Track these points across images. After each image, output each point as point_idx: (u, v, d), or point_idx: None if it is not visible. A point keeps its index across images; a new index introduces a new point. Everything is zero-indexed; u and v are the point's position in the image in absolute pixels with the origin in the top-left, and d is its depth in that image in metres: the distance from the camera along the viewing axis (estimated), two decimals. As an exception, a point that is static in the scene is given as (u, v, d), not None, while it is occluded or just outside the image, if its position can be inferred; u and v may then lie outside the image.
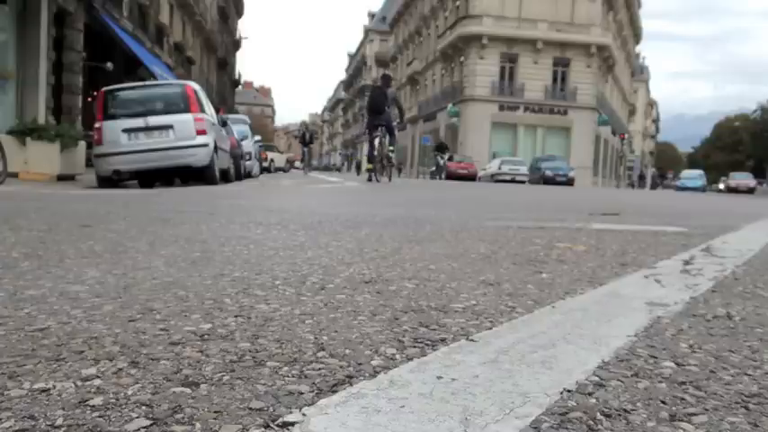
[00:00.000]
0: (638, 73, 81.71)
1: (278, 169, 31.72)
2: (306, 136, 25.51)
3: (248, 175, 16.97)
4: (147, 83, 12.76)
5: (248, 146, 18.03)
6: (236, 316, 1.45)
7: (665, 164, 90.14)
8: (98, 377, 1.03)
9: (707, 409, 0.97)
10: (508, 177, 28.10)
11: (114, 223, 3.43)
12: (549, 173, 28.81)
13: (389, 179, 12.87)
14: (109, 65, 17.40)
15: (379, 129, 12.33)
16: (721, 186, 42.39)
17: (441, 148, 30.94)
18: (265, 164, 30.64)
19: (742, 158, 68.69)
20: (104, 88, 10.46)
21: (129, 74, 18.17)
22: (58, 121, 13.75)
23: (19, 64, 13.10)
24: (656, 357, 1.22)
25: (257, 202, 5.95)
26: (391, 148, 12.74)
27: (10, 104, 12.95)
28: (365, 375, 1.07)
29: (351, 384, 1.02)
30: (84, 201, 5.60)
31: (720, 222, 4.85)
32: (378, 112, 12.24)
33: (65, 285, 1.75)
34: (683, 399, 1.01)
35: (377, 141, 12.30)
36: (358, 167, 45.27)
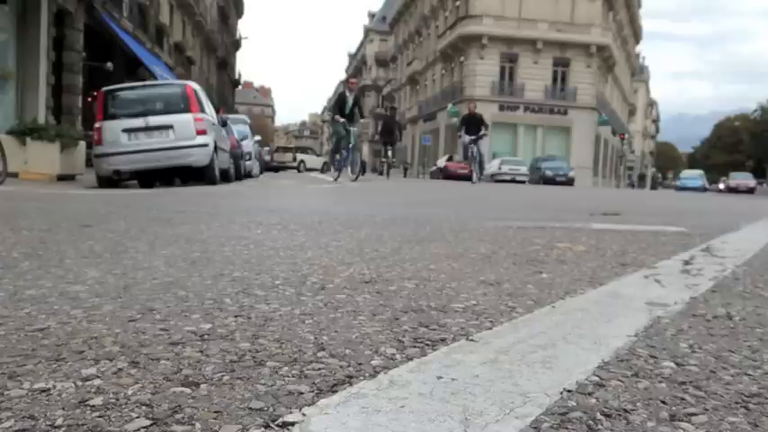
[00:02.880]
0: (638, 73, 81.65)
1: (309, 170, 34.06)
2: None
3: (248, 175, 16.98)
4: (147, 83, 12.76)
5: (248, 146, 18.03)
6: (236, 316, 1.45)
7: (665, 164, 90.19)
8: (98, 377, 1.03)
9: (707, 409, 0.97)
10: (508, 177, 28.08)
11: (114, 223, 3.43)
12: (549, 173, 28.81)
13: (388, 176, 18.85)
14: (109, 65, 17.41)
15: (389, 144, 18.43)
16: (721, 186, 42.37)
17: (470, 125, 15.81)
18: (294, 163, 35.26)
19: (742, 158, 68.67)
20: (104, 88, 10.45)
21: (130, 74, 18.18)
22: (58, 121, 13.75)
23: (19, 64, 13.10)
24: (656, 357, 1.22)
25: (257, 202, 5.95)
26: (393, 159, 19.70)
27: (10, 104, 12.95)
28: (365, 375, 1.07)
29: (351, 384, 1.02)
30: (84, 201, 5.60)
31: (720, 222, 4.85)
32: (389, 134, 18.10)
33: (65, 285, 1.74)
34: (683, 399, 1.01)
35: (389, 153, 18.56)
36: (363, 168, 45.89)
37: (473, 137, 15.95)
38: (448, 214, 4.81)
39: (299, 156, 38.33)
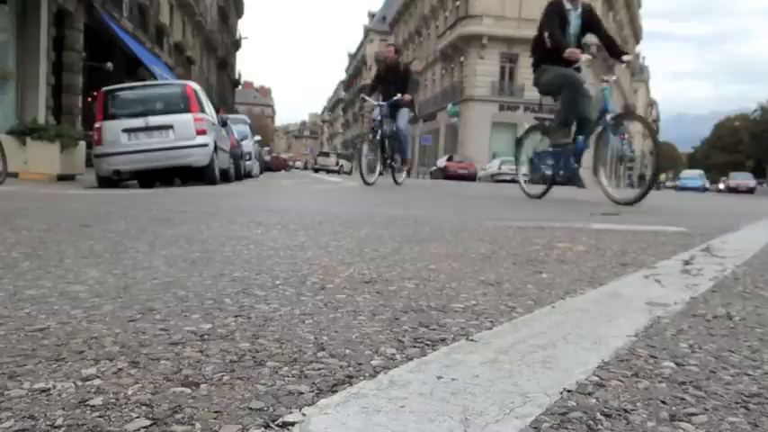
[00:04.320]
0: (638, 73, 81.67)
1: (345, 173, 40.76)
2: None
3: (248, 175, 16.99)
4: (147, 83, 12.76)
5: (248, 146, 18.06)
6: (236, 316, 1.45)
7: (665, 164, 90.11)
8: (98, 377, 1.03)
9: (707, 409, 0.97)
10: (508, 177, 28.09)
11: (114, 223, 3.43)
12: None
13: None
14: (109, 65, 17.44)
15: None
16: (721, 186, 42.39)
17: (388, 84, 10.20)
18: (336, 167, 43.84)
19: (742, 158, 68.73)
20: (104, 88, 10.46)
21: (130, 74, 18.20)
22: (58, 121, 13.77)
23: (19, 64, 13.11)
24: (656, 357, 1.22)
25: (257, 202, 5.95)
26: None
27: (10, 104, 12.96)
28: (365, 375, 1.07)
29: (351, 384, 1.02)
30: (84, 201, 5.60)
31: (720, 222, 4.85)
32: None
33: (65, 285, 1.74)
34: (683, 399, 1.01)
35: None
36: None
37: (386, 103, 9.44)
38: (447, 214, 4.81)
39: (340, 161, 47.79)
